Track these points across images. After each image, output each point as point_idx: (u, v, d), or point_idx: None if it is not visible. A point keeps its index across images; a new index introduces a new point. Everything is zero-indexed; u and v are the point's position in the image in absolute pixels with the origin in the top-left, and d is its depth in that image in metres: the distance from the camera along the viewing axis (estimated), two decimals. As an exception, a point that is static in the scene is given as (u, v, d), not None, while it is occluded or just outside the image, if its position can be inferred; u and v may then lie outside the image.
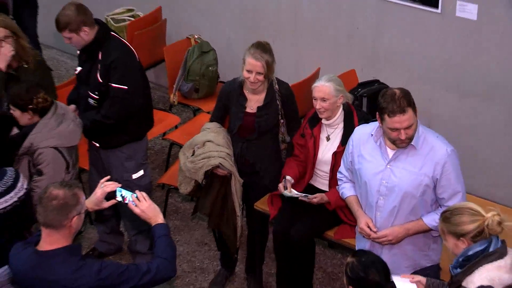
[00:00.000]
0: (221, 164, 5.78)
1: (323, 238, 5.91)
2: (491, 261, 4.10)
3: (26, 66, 6.28)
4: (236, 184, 5.94)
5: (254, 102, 5.89)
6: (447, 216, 4.19)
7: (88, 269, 4.07)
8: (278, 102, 5.89)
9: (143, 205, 4.30)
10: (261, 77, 5.69)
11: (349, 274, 3.96)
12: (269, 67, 5.74)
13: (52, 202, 3.99)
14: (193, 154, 5.89)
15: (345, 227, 5.58)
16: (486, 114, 6.50)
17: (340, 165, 5.34)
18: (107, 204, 4.49)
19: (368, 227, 4.93)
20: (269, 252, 6.28)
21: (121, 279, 4.06)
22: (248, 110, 5.89)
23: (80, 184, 6.66)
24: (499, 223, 4.07)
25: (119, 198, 4.40)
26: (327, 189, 5.69)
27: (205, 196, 6.07)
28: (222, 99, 6.16)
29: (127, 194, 4.37)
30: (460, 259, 4.16)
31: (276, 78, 5.95)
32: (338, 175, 5.28)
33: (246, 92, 5.90)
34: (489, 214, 4.08)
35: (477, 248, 4.10)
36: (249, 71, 5.68)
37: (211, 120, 6.22)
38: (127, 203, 4.38)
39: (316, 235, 5.82)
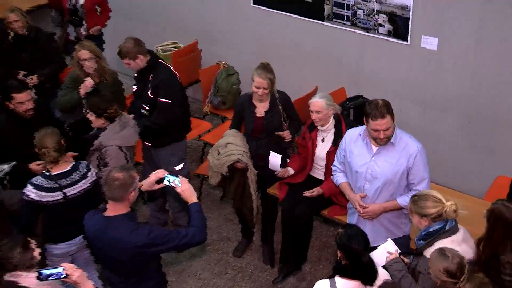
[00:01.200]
0: (239, 159, 5.79)
1: (320, 215, 5.92)
2: (446, 236, 4.22)
3: (105, 81, 6.33)
4: (251, 175, 5.93)
5: (261, 108, 5.91)
6: (415, 200, 4.31)
7: (141, 230, 4.24)
8: (279, 107, 5.91)
9: (184, 186, 4.34)
10: (266, 91, 5.77)
11: (338, 241, 4.01)
12: (272, 83, 5.81)
13: (115, 183, 4.16)
14: (218, 154, 5.90)
15: (336, 207, 5.61)
16: (443, 121, 6.53)
17: (332, 161, 5.38)
18: (157, 186, 4.48)
19: (359, 204, 5.00)
20: (278, 226, 6.25)
21: (165, 239, 4.21)
22: (257, 115, 5.91)
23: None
24: (455, 211, 4.18)
25: (166, 182, 4.40)
26: (323, 178, 5.67)
27: (229, 185, 6.09)
28: (237, 111, 6.19)
29: (173, 178, 4.37)
30: (423, 233, 4.28)
31: (277, 89, 5.97)
32: (333, 168, 5.31)
33: (254, 101, 5.92)
34: (448, 203, 4.19)
35: (436, 226, 4.22)
36: (257, 87, 5.75)
37: (231, 127, 6.20)
38: (172, 185, 4.41)
39: (314, 213, 5.81)
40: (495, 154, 6.33)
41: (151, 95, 6.09)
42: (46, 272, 4.06)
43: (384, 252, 4.46)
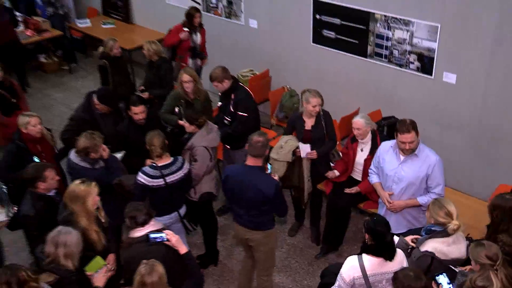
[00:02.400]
0: (298, 147, 5.77)
1: (357, 208, 5.86)
2: (439, 237, 4.14)
3: (198, 99, 6.37)
4: (306, 164, 5.86)
5: (309, 123, 5.82)
6: (434, 203, 4.23)
7: (270, 179, 4.73)
8: (322, 123, 5.83)
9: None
10: (319, 109, 5.72)
11: (365, 226, 3.96)
12: (323, 102, 5.79)
13: (258, 144, 4.64)
14: (281, 147, 5.79)
15: (370, 202, 5.58)
16: (456, 138, 6.46)
17: (368, 166, 5.37)
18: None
19: (387, 200, 5.04)
20: (322, 214, 6.21)
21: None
22: (306, 128, 5.83)
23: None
24: (454, 230, 4.07)
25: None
26: (360, 179, 5.62)
27: (292, 170, 5.93)
28: (290, 123, 6.09)
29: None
30: (427, 227, 4.27)
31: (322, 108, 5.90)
32: (369, 170, 5.31)
33: (304, 117, 5.84)
34: (454, 222, 4.09)
35: (438, 228, 4.17)
36: (314, 106, 5.66)
37: (284, 135, 6.13)
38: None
39: (352, 205, 5.79)
40: (498, 165, 6.20)
41: (232, 110, 6.14)
42: (153, 235, 4.12)
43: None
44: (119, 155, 5.83)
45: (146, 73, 7.53)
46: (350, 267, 3.95)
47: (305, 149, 5.75)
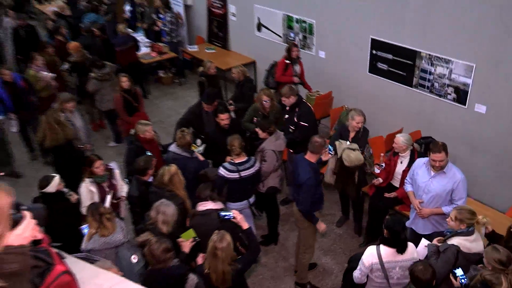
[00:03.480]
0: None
1: (393, 209, 5.63)
2: (462, 235, 4.01)
3: (272, 112, 6.37)
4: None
5: (352, 134, 5.68)
6: (460, 211, 4.06)
7: (308, 171, 4.74)
8: (359, 135, 5.67)
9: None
10: (361, 125, 5.62)
11: (385, 223, 3.97)
12: (365, 120, 5.67)
13: (316, 144, 4.74)
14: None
15: (404, 206, 5.38)
16: (483, 158, 6.18)
17: (406, 175, 5.19)
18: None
19: (418, 207, 4.87)
20: (365, 212, 6.08)
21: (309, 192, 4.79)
22: (349, 139, 5.69)
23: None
24: (484, 223, 4.06)
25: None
26: (398, 186, 5.43)
27: (344, 175, 5.82)
28: (338, 131, 5.94)
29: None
30: (450, 230, 4.14)
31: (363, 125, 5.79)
32: (406, 180, 5.13)
33: (350, 130, 5.69)
34: (479, 217, 4.04)
35: (464, 230, 4.04)
36: (358, 123, 5.56)
37: (332, 139, 5.96)
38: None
39: (390, 207, 5.59)
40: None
41: (296, 120, 6.14)
42: (223, 213, 4.20)
43: (422, 246, 4.34)
44: (201, 148, 6.09)
45: (235, 89, 7.64)
46: (370, 254, 3.99)
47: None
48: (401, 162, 5.42)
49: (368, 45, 7.11)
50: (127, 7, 11.84)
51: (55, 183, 4.81)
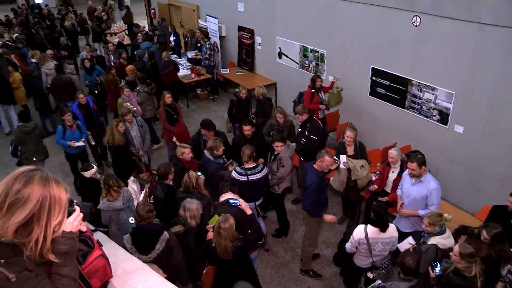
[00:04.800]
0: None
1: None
2: (438, 235, 4.11)
3: (286, 126, 6.38)
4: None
5: (350, 151, 5.66)
6: (431, 215, 4.18)
7: (313, 176, 4.75)
8: (358, 150, 5.65)
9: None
10: (352, 140, 5.56)
11: (372, 208, 4.22)
12: (356, 135, 5.61)
13: (325, 162, 4.69)
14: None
15: (393, 208, 5.32)
16: (457, 169, 6.18)
17: (396, 184, 5.27)
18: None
19: (399, 207, 4.95)
20: (361, 213, 6.12)
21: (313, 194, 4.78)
22: (347, 154, 5.65)
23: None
24: (450, 219, 4.12)
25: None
26: (390, 192, 5.46)
27: (349, 185, 5.75)
28: (337, 149, 5.82)
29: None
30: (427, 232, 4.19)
31: (358, 140, 5.77)
32: (398, 186, 5.18)
33: (346, 145, 5.65)
34: (445, 215, 4.11)
35: (438, 230, 4.13)
36: (347, 136, 5.55)
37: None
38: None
39: None
40: (484, 191, 5.91)
41: (307, 134, 6.13)
42: (232, 200, 4.35)
43: (407, 242, 4.45)
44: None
45: (256, 106, 7.74)
46: (359, 231, 4.27)
47: (343, 158, 5.67)
48: (393, 172, 5.48)
49: (369, 72, 7.19)
50: (172, 37, 12.22)
51: (91, 172, 5.33)
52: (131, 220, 4.50)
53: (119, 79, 8.83)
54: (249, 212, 4.34)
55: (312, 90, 7.33)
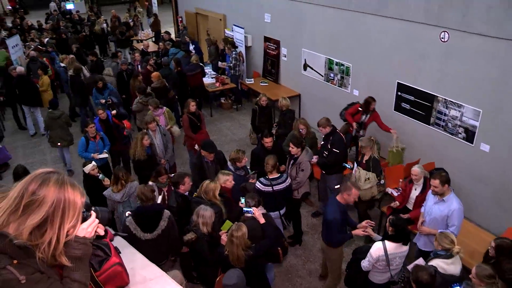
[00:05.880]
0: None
1: None
2: (442, 258, 4.07)
3: (309, 136, 6.51)
4: None
5: (364, 159, 5.72)
6: (441, 234, 4.16)
7: (333, 211, 4.55)
8: (371, 163, 5.70)
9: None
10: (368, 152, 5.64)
11: (390, 222, 4.26)
12: (371, 148, 5.72)
13: (348, 196, 4.53)
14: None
15: (414, 225, 5.27)
16: (484, 189, 6.11)
17: (419, 201, 5.25)
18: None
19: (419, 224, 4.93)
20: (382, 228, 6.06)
21: None
22: (363, 161, 5.73)
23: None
24: (457, 252, 4.01)
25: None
26: (411, 209, 5.43)
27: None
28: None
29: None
30: (436, 252, 4.16)
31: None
32: (423, 204, 5.09)
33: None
34: (456, 247, 4.02)
35: (442, 252, 4.09)
36: (362, 146, 5.74)
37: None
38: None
39: None
40: (509, 211, 5.85)
41: (329, 147, 6.14)
42: (245, 209, 4.40)
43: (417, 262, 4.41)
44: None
45: (279, 116, 7.83)
46: (377, 249, 4.25)
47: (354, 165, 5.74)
48: (415, 189, 5.46)
49: (395, 87, 7.21)
50: (191, 46, 12.51)
51: (88, 168, 5.72)
52: (127, 213, 4.77)
53: (146, 86, 9.03)
54: (262, 220, 4.38)
55: (360, 109, 7.19)
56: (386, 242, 4.21)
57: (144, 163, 6.46)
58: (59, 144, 7.98)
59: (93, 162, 5.82)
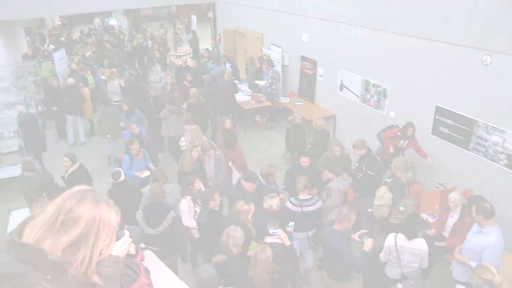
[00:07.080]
0: None
1: (442, 255, 5.58)
2: None
3: (344, 159, 6.61)
4: None
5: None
6: (479, 267, 4.08)
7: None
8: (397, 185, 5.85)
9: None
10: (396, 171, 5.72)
11: (405, 220, 4.73)
12: (404, 171, 5.88)
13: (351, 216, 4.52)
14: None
15: (451, 254, 5.19)
16: None
17: (456, 229, 5.16)
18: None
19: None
20: None
21: None
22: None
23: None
24: (500, 283, 3.88)
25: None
26: (448, 236, 5.35)
27: None
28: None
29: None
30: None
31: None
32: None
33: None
34: (497, 277, 3.88)
35: (484, 286, 3.96)
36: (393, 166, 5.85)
37: None
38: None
39: (439, 253, 5.46)
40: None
41: (364, 169, 6.20)
42: (271, 230, 4.46)
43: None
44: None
45: (314, 136, 7.94)
46: (390, 238, 4.66)
47: None
48: (452, 216, 5.38)
49: (433, 110, 7.17)
50: (228, 64, 12.92)
51: (123, 176, 6.02)
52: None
53: (181, 101, 9.36)
54: (288, 243, 4.40)
55: (398, 133, 7.08)
56: (398, 234, 4.57)
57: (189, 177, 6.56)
58: (108, 136, 9.11)
59: (123, 172, 6.05)
